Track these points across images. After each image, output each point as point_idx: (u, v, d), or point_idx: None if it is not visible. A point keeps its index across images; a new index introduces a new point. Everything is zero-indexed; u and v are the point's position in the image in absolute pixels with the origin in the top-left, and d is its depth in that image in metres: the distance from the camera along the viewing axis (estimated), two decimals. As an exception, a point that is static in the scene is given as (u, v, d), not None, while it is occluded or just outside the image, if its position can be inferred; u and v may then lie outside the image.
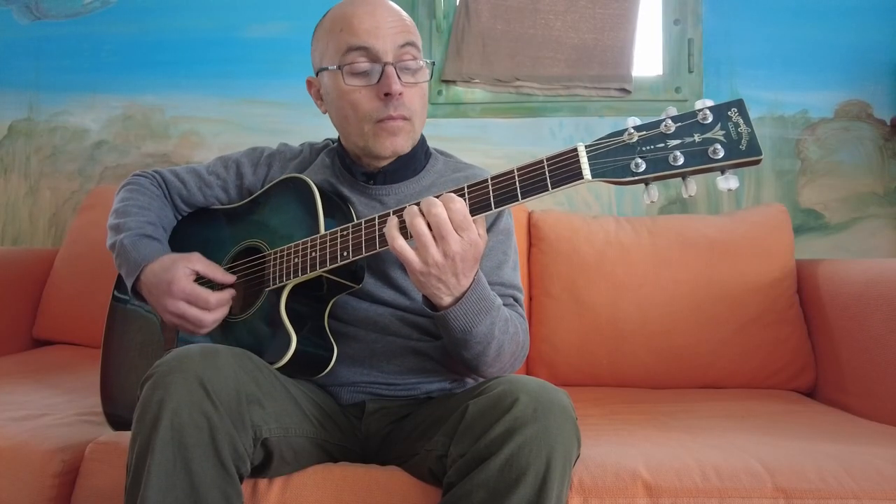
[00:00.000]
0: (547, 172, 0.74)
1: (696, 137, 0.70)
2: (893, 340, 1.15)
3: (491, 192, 0.77)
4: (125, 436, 0.90)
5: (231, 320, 0.98)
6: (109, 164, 1.96)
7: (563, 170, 0.73)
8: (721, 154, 0.68)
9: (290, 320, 0.91)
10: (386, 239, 0.80)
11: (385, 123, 0.95)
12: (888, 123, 1.69)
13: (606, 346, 1.44)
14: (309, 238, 0.92)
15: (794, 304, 1.43)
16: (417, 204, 0.78)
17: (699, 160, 0.69)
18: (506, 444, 0.70)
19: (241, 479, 0.77)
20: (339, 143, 1.07)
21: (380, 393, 0.99)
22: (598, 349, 1.44)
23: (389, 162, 1.01)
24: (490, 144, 1.81)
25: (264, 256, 0.97)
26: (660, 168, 0.71)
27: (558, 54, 1.78)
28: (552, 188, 0.74)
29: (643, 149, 0.71)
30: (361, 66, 0.95)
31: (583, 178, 0.73)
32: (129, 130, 1.95)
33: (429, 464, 0.82)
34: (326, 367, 0.95)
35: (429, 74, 1.00)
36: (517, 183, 0.76)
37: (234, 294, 0.97)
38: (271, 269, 0.95)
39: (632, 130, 0.72)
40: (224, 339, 0.96)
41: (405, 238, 0.79)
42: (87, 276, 1.62)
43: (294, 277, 0.91)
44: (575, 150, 0.74)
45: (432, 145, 1.11)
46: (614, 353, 1.43)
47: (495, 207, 0.77)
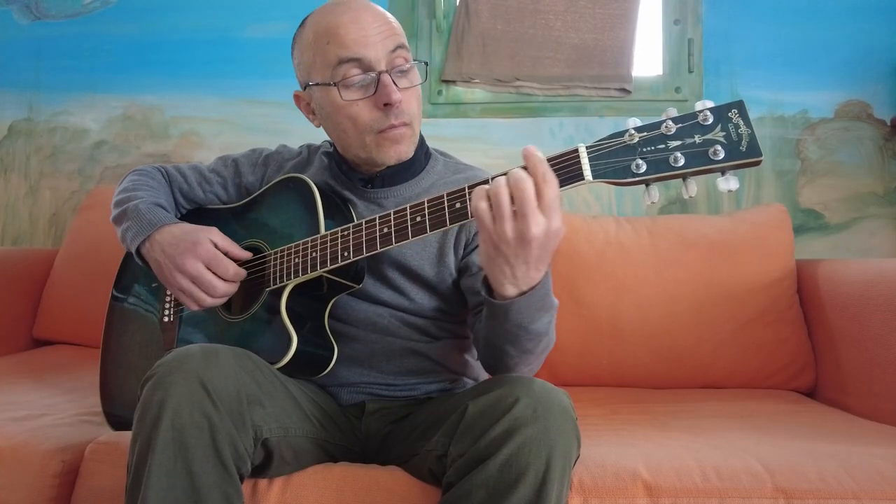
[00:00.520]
0: (548, 173, 0.74)
1: (697, 138, 0.70)
2: (893, 340, 1.15)
3: (491, 192, 0.77)
4: (125, 436, 0.90)
5: (231, 320, 0.98)
6: (109, 164, 1.96)
7: (564, 170, 0.73)
8: (721, 155, 0.68)
9: (291, 320, 0.91)
10: (470, 202, 0.74)
11: (387, 133, 0.94)
12: (888, 123, 1.69)
13: (606, 346, 1.44)
14: (309, 238, 0.92)
15: (794, 304, 1.43)
16: (505, 174, 0.72)
17: (700, 161, 0.69)
18: (506, 445, 0.70)
19: (242, 479, 0.77)
20: (335, 149, 1.06)
21: (379, 393, 0.99)
22: (598, 349, 1.44)
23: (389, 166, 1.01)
24: (490, 144, 1.81)
25: (264, 256, 0.97)
26: (661, 169, 0.71)
27: (558, 54, 1.78)
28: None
29: (644, 150, 0.71)
30: (355, 79, 0.92)
31: (584, 178, 0.73)
32: (128, 130, 1.95)
33: (429, 464, 0.82)
34: (327, 367, 0.95)
35: (423, 74, 0.98)
36: (518, 183, 0.75)
37: (245, 276, 0.96)
38: (271, 269, 0.95)
39: (632, 131, 0.72)
40: (224, 339, 0.96)
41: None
42: (87, 276, 1.62)
43: (294, 277, 0.91)
44: (576, 150, 0.73)
45: (432, 145, 1.11)
46: (614, 353, 1.43)
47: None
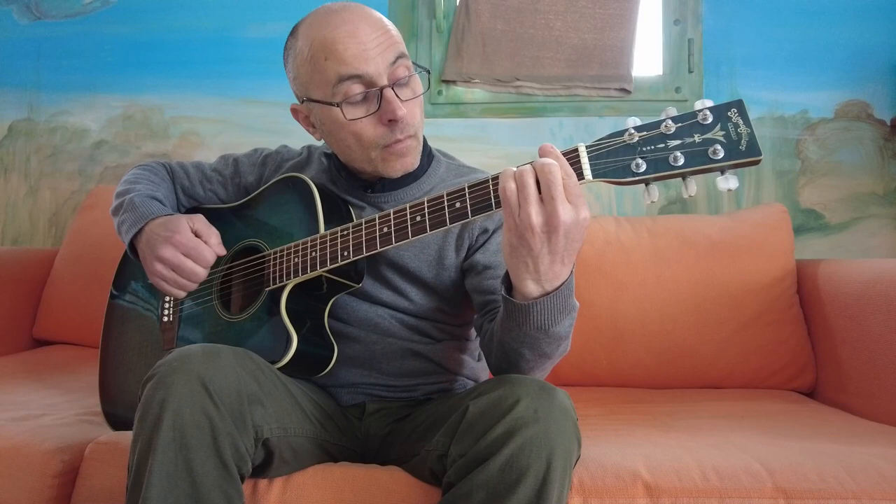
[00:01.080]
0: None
1: (697, 138, 0.70)
2: (893, 340, 1.15)
3: (492, 192, 0.76)
4: (125, 436, 0.90)
5: (231, 320, 0.98)
6: (109, 164, 1.96)
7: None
8: (721, 154, 0.68)
9: (291, 320, 0.91)
10: (498, 184, 0.72)
11: (393, 148, 0.92)
12: (888, 123, 1.69)
13: (606, 346, 1.44)
14: (309, 238, 0.92)
15: (794, 304, 1.43)
16: (530, 163, 0.71)
17: (699, 160, 0.69)
18: (506, 445, 0.70)
19: (243, 479, 0.77)
20: (336, 155, 1.03)
21: (380, 394, 0.99)
22: (597, 349, 1.44)
23: None
24: (490, 144, 1.81)
25: (264, 256, 0.97)
26: (660, 168, 0.71)
27: (558, 54, 1.78)
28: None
29: (644, 149, 0.71)
30: (357, 96, 0.89)
31: (584, 178, 0.73)
32: (129, 130, 1.95)
33: (429, 464, 0.81)
34: (327, 367, 0.95)
35: (425, 83, 0.95)
36: (518, 183, 0.75)
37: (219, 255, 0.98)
38: (271, 269, 0.95)
39: (632, 131, 0.72)
40: (224, 339, 0.96)
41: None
42: (87, 276, 1.62)
43: (294, 277, 0.91)
44: (576, 150, 0.74)
45: (432, 145, 1.11)
46: (614, 353, 1.43)
47: (496, 208, 0.76)
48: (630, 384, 1.43)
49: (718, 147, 0.69)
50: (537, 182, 0.69)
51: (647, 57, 1.81)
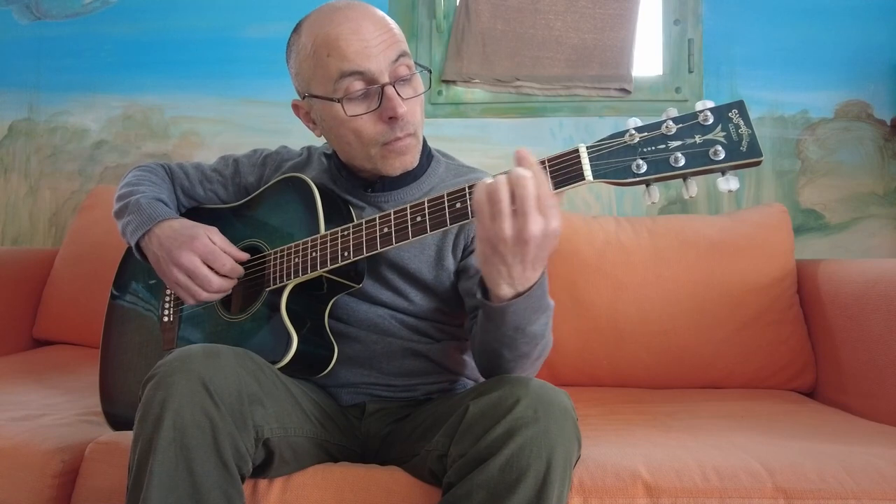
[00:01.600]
0: (548, 173, 0.74)
1: (697, 139, 0.70)
2: (893, 340, 1.15)
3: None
4: (125, 436, 0.90)
5: (231, 320, 0.98)
6: (109, 164, 1.96)
7: (564, 171, 0.73)
8: (722, 155, 0.69)
9: (291, 320, 0.91)
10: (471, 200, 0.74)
11: (392, 145, 0.92)
12: (888, 123, 1.69)
13: (606, 346, 1.44)
14: (309, 238, 0.92)
15: (794, 304, 1.43)
16: (506, 173, 0.72)
17: (700, 161, 0.70)
18: (506, 445, 0.70)
19: (243, 479, 0.77)
20: (335, 153, 1.04)
21: (380, 394, 0.99)
22: (598, 349, 1.44)
23: None
24: (490, 144, 1.81)
25: (264, 256, 0.97)
26: (661, 169, 0.71)
27: (558, 54, 1.78)
28: (554, 189, 0.73)
29: (644, 150, 0.71)
30: (359, 93, 0.90)
31: (584, 179, 0.73)
32: (129, 130, 1.95)
33: (429, 464, 0.81)
34: (327, 367, 0.95)
35: (426, 82, 0.95)
36: (519, 183, 0.75)
37: (242, 274, 0.96)
38: (271, 269, 0.95)
39: (633, 131, 0.72)
40: (224, 339, 0.96)
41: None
42: (87, 276, 1.62)
43: (294, 277, 0.91)
44: (576, 151, 0.74)
45: (432, 146, 1.11)
46: (614, 353, 1.43)
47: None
48: (630, 384, 1.43)
49: (719, 148, 0.69)
50: (512, 193, 0.70)
51: (647, 57, 1.81)
